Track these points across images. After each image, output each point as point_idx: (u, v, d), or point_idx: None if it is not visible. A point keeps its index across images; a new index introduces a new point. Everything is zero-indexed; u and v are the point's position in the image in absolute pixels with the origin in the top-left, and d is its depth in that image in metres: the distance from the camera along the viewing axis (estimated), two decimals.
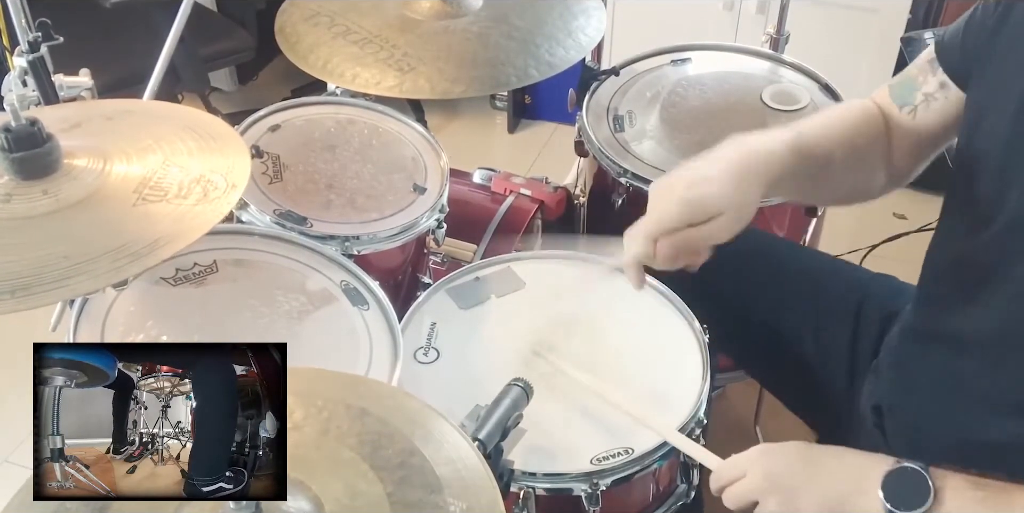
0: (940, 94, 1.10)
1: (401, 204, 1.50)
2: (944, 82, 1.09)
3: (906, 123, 1.14)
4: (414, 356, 1.29)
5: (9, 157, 1.00)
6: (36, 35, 1.33)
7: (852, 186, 1.18)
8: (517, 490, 1.14)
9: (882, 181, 1.18)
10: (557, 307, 1.35)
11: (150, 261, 0.96)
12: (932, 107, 1.11)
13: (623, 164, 1.59)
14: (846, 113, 1.17)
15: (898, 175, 1.19)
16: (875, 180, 1.18)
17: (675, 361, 1.27)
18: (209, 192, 1.04)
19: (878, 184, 1.19)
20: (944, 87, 1.09)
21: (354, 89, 1.47)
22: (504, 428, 0.98)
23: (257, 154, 1.52)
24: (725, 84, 1.77)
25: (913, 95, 1.13)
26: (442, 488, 0.82)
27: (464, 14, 1.54)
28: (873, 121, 1.16)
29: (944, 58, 1.09)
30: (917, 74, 1.13)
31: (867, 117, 1.16)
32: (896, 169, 1.18)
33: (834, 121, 1.16)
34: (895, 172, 1.18)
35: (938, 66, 1.10)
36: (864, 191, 1.20)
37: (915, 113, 1.13)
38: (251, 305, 1.28)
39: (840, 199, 1.22)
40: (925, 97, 1.11)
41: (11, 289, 0.92)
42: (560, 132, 2.90)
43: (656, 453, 1.16)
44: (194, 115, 1.19)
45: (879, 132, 1.16)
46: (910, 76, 1.15)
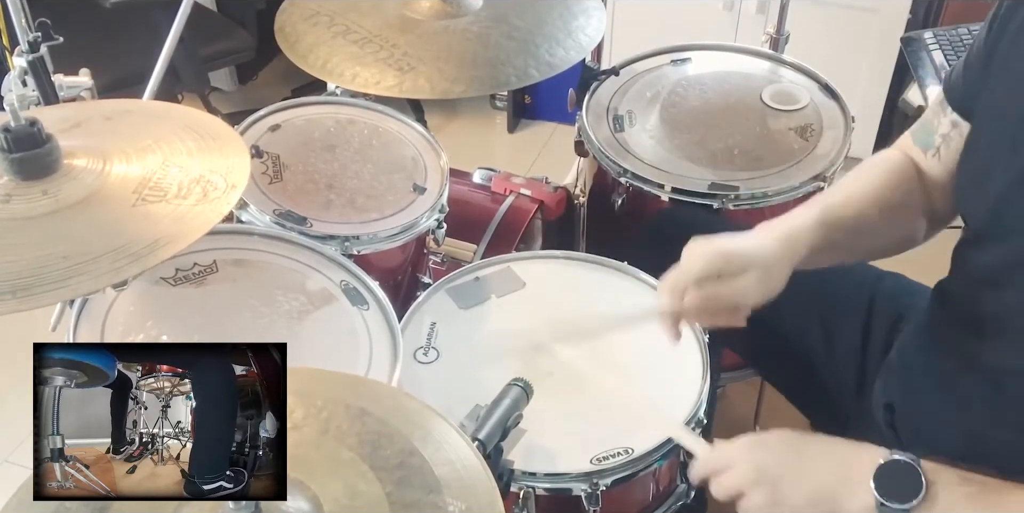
0: (955, 133, 1.11)
1: (401, 204, 1.50)
2: (955, 121, 1.10)
3: (935, 166, 1.15)
4: (414, 356, 1.29)
5: (9, 157, 1.00)
6: (36, 35, 1.33)
7: (895, 239, 1.19)
8: (517, 490, 1.14)
9: (924, 227, 1.19)
10: (557, 307, 1.35)
11: (150, 261, 0.96)
12: (952, 146, 1.11)
13: (623, 164, 1.59)
14: (873, 171, 1.17)
15: (940, 216, 1.19)
16: (918, 228, 1.18)
17: (675, 361, 1.27)
18: (209, 192, 1.04)
19: (921, 231, 1.19)
20: (956, 126, 1.10)
21: (354, 89, 1.47)
22: (504, 428, 0.98)
23: (257, 154, 1.52)
24: (725, 84, 1.78)
25: (932, 138, 1.14)
26: (441, 488, 0.82)
27: (464, 14, 1.54)
28: (904, 172, 1.16)
29: (950, 96, 1.10)
30: (932, 117, 1.14)
31: (897, 169, 1.17)
32: (937, 212, 1.18)
33: (862, 183, 1.16)
34: (937, 215, 1.18)
35: (947, 106, 1.11)
36: (908, 240, 1.20)
37: (939, 155, 1.13)
38: (251, 305, 1.28)
39: (885, 252, 1.22)
40: (943, 138, 1.12)
41: (11, 289, 0.92)
42: (560, 132, 2.90)
43: (656, 453, 1.17)
44: (194, 115, 1.19)
45: (912, 181, 1.16)
46: (927, 120, 1.16)
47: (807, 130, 1.68)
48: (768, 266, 1.06)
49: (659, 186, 1.57)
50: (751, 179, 1.58)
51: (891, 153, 1.20)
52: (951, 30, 1.97)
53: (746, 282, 1.05)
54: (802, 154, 1.63)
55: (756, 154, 1.64)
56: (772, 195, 1.56)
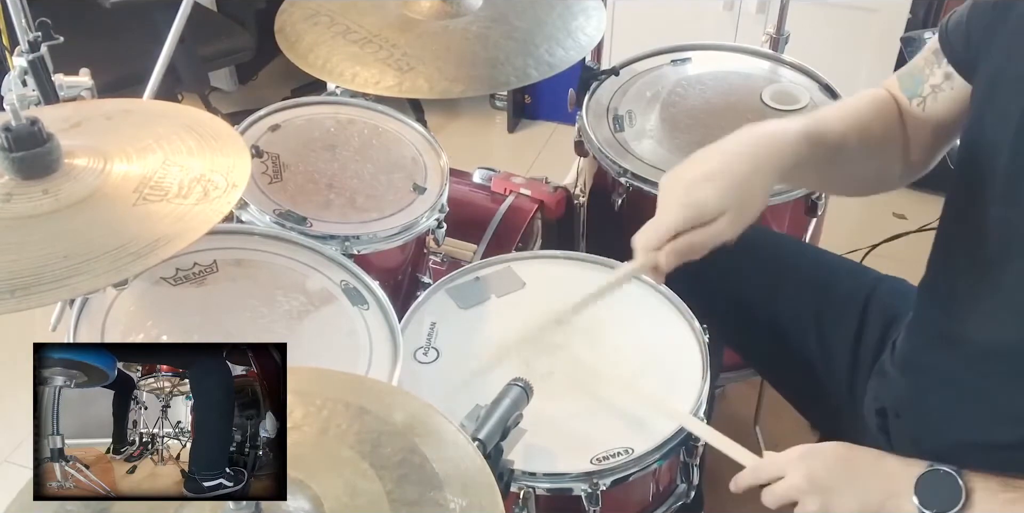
0: (946, 85, 1.09)
1: (401, 204, 1.50)
2: (949, 73, 1.08)
3: (917, 114, 1.13)
4: (414, 356, 1.29)
5: (9, 157, 1.00)
6: (36, 35, 1.33)
7: (869, 175, 1.17)
8: (517, 490, 1.14)
9: (899, 171, 1.18)
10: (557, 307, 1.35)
11: (150, 261, 0.96)
12: (940, 98, 1.10)
13: (623, 164, 1.59)
14: (860, 101, 1.16)
15: (915, 165, 1.18)
16: (892, 169, 1.17)
17: (675, 361, 1.27)
18: (209, 192, 1.04)
19: (895, 173, 1.18)
20: (950, 78, 1.08)
21: (353, 88, 1.47)
22: (504, 428, 0.98)
23: (257, 154, 1.52)
24: (725, 84, 1.77)
25: (921, 87, 1.12)
26: (442, 486, 0.82)
27: (464, 14, 1.54)
28: (887, 108, 1.15)
29: (948, 49, 1.08)
30: (923, 65, 1.12)
31: (881, 104, 1.15)
32: (912, 159, 1.17)
33: (848, 108, 1.15)
34: (911, 162, 1.17)
35: (943, 57, 1.08)
36: (881, 180, 1.19)
37: (924, 105, 1.12)
38: (251, 305, 1.28)
39: (856, 188, 1.20)
40: (932, 89, 1.10)
41: (11, 289, 0.92)
42: (560, 132, 2.90)
43: (656, 453, 1.17)
44: (194, 115, 1.19)
45: (894, 119, 1.15)
46: (917, 67, 1.14)
47: None
48: (742, 202, 1.02)
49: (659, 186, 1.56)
50: None
51: (878, 91, 1.18)
52: None
53: (721, 225, 1.02)
54: None
55: None
56: (772, 195, 1.55)
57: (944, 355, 1.09)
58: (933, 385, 1.12)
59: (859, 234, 2.20)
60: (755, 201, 1.03)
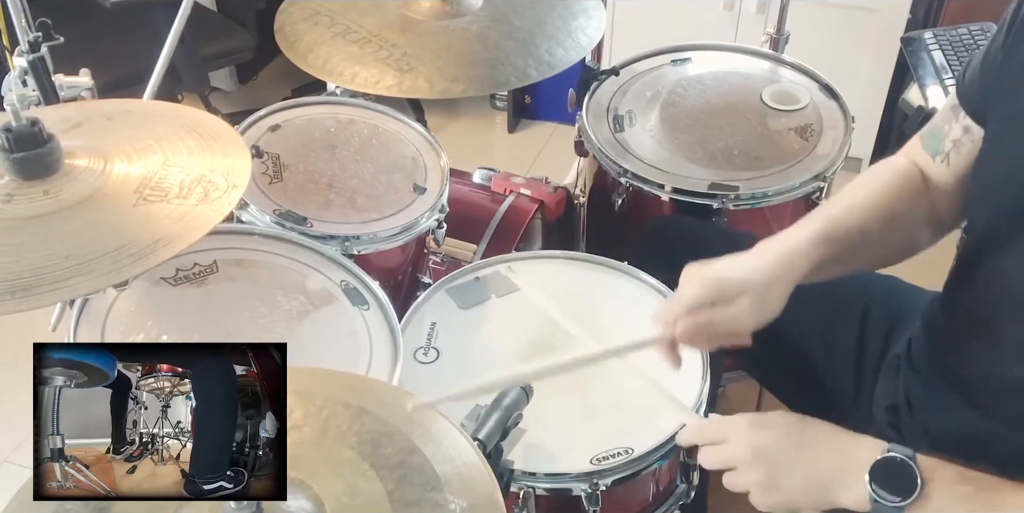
0: (966, 138, 1.10)
1: (401, 204, 1.50)
2: (968, 126, 1.09)
3: (943, 171, 1.14)
4: (414, 356, 1.29)
5: (10, 157, 1.00)
6: (36, 35, 1.33)
7: (897, 248, 1.18)
8: (517, 490, 1.14)
9: (927, 235, 1.18)
10: (557, 307, 1.35)
11: (151, 261, 0.96)
12: (962, 152, 1.11)
13: (623, 164, 1.59)
14: (879, 180, 1.16)
15: (945, 224, 1.18)
16: (921, 236, 1.18)
17: None
18: (210, 192, 1.04)
19: (924, 238, 1.18)
20: (968, 131, 1.09)
21: (353, 88, 1.47)
22: (504, 428, 0.98)
23: (257, 154, 1.52)
24: (725, 84, 1.78)
25: (943, 143, 1.13)
26: (442, 486, 0.82)
27: (464, 14, 1.54)
28: (908, 180, 1.16)
29: (964, 101, 1.09)
30: (943, 123, 1.13)
31: (903, 179, 1.16)
32: (943, 220, 1.17)
33: (865, 193, 1.15)
34: (941, 222, 1.17)
35: (960, 110, 1.10)
36: (910, 248, 1.18)
37: (948, 160, 1.13)
38: (251, 305, 1.29)
39: (885, 261, 1.21)
40: (954, 144, 1.11)
41: (11, 289, 0.92)
42: (560, 132, 2.90)
43: (656, 453, 1.17)
44: (194, 115, 1.19)
45: (918, 190, 1.15)
46: (937, 125, 1.15)
47: (807, 130, 1.68)
48: (764, 290, 1.04)
49: (659, 186, 1.57)
50: (751, 179, 1.58)
51: (895, 160, 1.19)
52: (951, 30, 1.97)
53: (740, 308, 1.04)
54: (802, 154, 1.63)
55: (756, 154, 1.64)
56: (772, 195, 1.56)
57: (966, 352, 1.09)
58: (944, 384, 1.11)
59: None
60: (775, 299, 1.05)
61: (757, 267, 1.06)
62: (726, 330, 1.06)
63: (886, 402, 1.22)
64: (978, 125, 1.08)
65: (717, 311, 1.05)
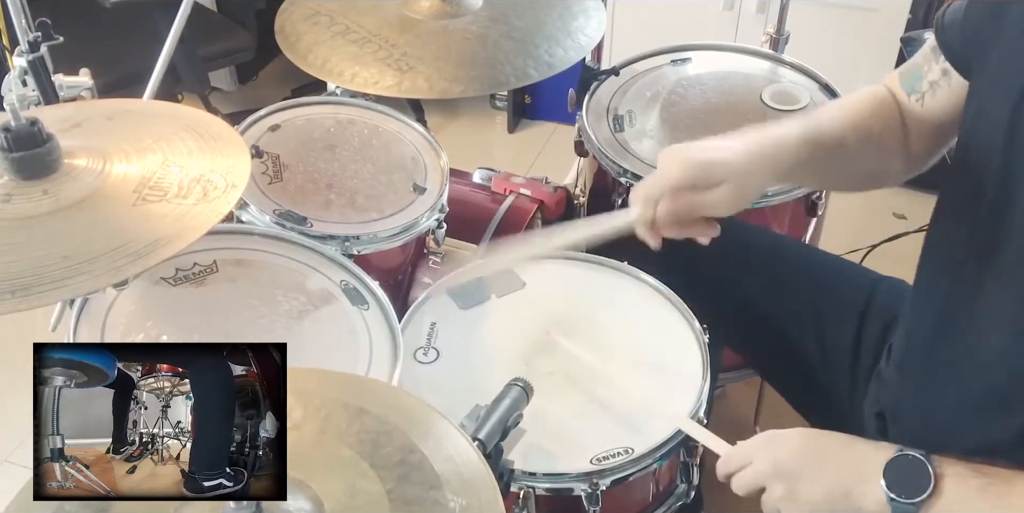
0: (944, 81, 1.09)
1: (401, 204, 1.50)
2: (946, 69, 1.08)
3: (916, 110, 1.14)
4: (414, 356, 1.29)
5: (9, 157, 1.00)
6: (36, 35, 1.33)
7: (868, 172, 1.18)
8: (517, 490, 1.14)
9: (898, 167, 1.18)
10: (557, 307, 1.35)
11: (150, 261, 0.96)
12: (938, 95, 1.10)
13: (623, 164, 1.59)
14: (858, 100, 1.17)
15: (915, 161, 1.18)
16: (891, 166, 1.18)
17: (675, 361, 1.27)
18: (209, 192, 1.04)
19: (894, 170, 1.18)
20: (947, 74, 1.09)
21: (353, 88, 1.47)
22: (504, 428, 0.98)
23: (257, 154, 1.52)
24: (725, 84, 1.77)
25: (919, 83, 1.13)
26: (441, 485, 0.82)
27: (464, 14, 1.54)
28: (886, 106, 1.16)
29: (945, 46, 1.08)
30: (922, 62, 1.13)
31: (880, 102, 1.16)
32: (912, 155, 1.17)
33: (846, 108, 1.16)
34: (911, 158, 1.18)
35: (940, 53, 1.09)
36: (880, 177, 1.19)
37: (923, 101, 1.12)
38: (251, 305, 1.28)
39: (856, 185, 1.21)
40: (931, 85, 1.11)
41: (11, 289, 0.92)
42: (560, 132, 2.90)
43: (656, 453, 1.17)
44: (194, 115, 1.19)
45: (893, 117, 1.16)
46: (916, 64, 1.14)
47: None
48: (744, 178, 1.04)
49: None
50: None
51: (877, 88, 1.19)
52: None
53: (720, 194, 1.04)
54: None
55: None
56: (772, 195, 1.55)
57: (939, 355, 1.09)
58: (929, 386, 1.12)
59: (859, 234, 2.20)
60: (755, 184, 1.05)
61: (740, 154, 1.05)
62: (702, 215, 1.06)
63: (875, 409, 1.22)
64: (958, 73, 1.07)
65: (697, 195, 1.04)
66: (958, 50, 1.06)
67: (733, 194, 1.04)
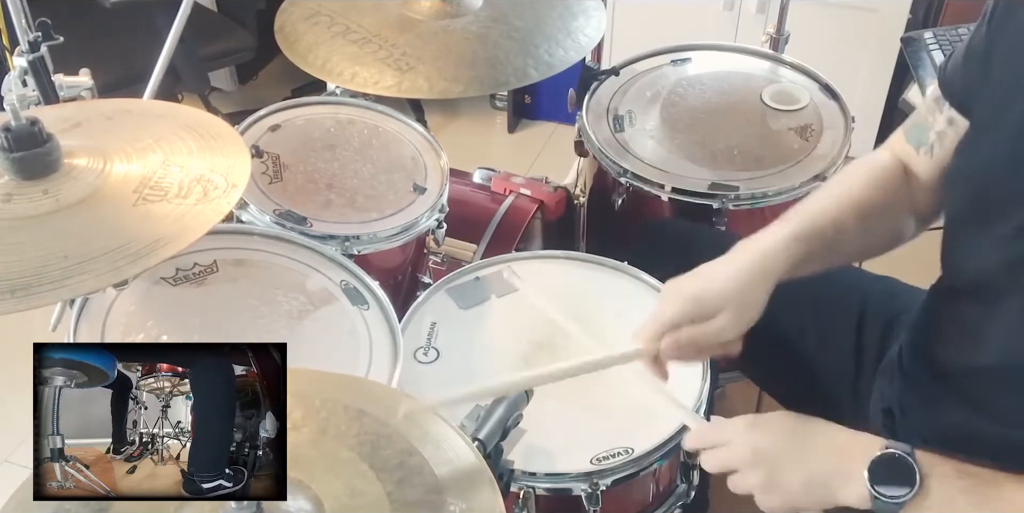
0: (950, 130, 1.10)
1: (401, 204, 1.50)
2: (952, 118, 1.09)
3: (926, 163, 1.14)
4: (414, 356, 1.29)
5: (9, 157, 1.00)
6: (36, 35, 1.33)
7: (879, 239, 1.18)
8: (517, 490, 1.14)
9: (911, 225, 1.18)
10: (557, 307, 1.35)
11: (150, 261, 0.96)
12: (946, 143, 1.11)
13: (623, 164, 1.59)
14: (850, 178, 1.17)
15: (927, 215, 1.18)
16: (904, 226, 1.18)
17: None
18: (209, 192, 1.04)
19: (909, 228, 1.19)
20: (952, 122, 1.09)
21: (353, 88, 1.47)
22: (504, 428, 0.98)
23: (257, 154, 1.52)
24: (725, 84, 1.78)
25: (926, 135, 1.13)
26: (442, 486, 0.82)
27: (464, 14, 1.54)
28: (885, 175, 1.16)
29: (948, 92, 1.09)
30: (927, 114, 1.14)
31: (877, 171, 1.16)
32: (923, 211, 1.17)
33: (839, 191, 1.16)
34: (925, 213, 1.18)
35: (944, 102, 1.10)
36: (894, 238, 1.19)
37: (932, 152, 1.13)
38: (251, 305, 1.28)
39: (871, 252, 1.22)
40: (938, 135, 1.12)
41: (11, 289, 0.92)
42: (560, 132, 2.90)
43: (656, 453, 1.17)
44: (194, 115, 1.19)
45: (896, 181, 1.16)
46: (921, 117, 1.15)
47: (807, 130, 1.68)
48: (742, 299, 1.05)
49: (659, 186, 1.57)
50: (751, 179, 1.58)
51: (876, 154, 1.19)
52: (951, 30, 1.97)
53: (722, 322, 1.05)
54: (802, 154, 1.63)
55: (756, 154, 1.64)
56: (772, 195, 1.56)
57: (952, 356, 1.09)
58: (937, 386, 1.11)
59: None
60: (754, 304, 1.06)
61: (731, 278, 1.06)
62: (709, 345, 1.07)
63: (881, 405, 1.22)
64: (962, 116, 1.08)
65: (698, 328, 1.06)
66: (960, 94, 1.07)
67: (734, 319, 1.05)
